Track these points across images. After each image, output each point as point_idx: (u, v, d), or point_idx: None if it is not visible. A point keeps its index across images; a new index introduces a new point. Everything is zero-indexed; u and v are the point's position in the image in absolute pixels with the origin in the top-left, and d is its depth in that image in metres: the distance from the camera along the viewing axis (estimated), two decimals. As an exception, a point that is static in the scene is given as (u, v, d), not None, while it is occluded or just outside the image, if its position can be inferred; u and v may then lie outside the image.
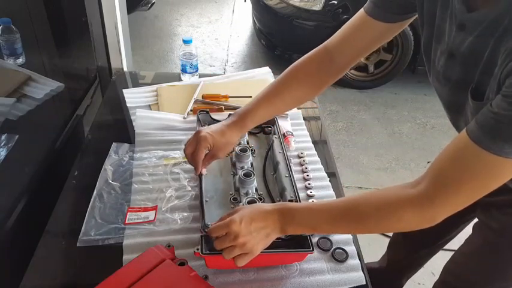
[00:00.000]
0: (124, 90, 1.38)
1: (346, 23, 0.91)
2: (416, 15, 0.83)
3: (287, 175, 0.97)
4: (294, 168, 1.07)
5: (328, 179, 1.09)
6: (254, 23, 3.54)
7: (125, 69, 1.57)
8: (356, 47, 0.91)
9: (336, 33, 0.93)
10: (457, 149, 0.65)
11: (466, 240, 1.02)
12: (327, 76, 0.95)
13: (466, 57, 0.69)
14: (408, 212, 0.68)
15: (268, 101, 0.94)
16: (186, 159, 1.09)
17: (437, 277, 1.14)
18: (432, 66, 0.80)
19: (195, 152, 0.91)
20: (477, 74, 0.68)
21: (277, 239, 0.81)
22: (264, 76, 1.53)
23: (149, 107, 1.32)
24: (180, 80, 1.48)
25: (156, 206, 0.96)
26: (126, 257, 0.85)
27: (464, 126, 0.79)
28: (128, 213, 0.94)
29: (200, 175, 0.95)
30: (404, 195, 0.69)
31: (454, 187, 0.64)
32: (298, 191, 0.92)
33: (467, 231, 1.04)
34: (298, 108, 1.34)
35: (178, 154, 1.11)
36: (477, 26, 0.65)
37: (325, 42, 0.95)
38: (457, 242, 1.17)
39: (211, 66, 3.45)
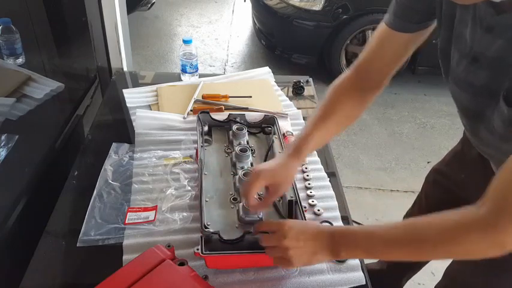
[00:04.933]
0: (124, 90, 1.38)
1: (371, 38, 0.91)
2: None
3: (287, 175, 0.97)
4: (294, 168, 1.07)
5: (328, 179, 1.09)
6: (254, 23, 3.54)
7: (125, 69, 1.57)
8: (384, 61, 0.89)
9: (364, 49, 0.91)
10: None
11: None
12: (368, 91, 0.93)
13: (493, 62, 0.67)
14: (472, 235, 0.64)
15: (319, 126, 0.90)
16: (186, 160, 1.09)
17: (437, 277, 1.14)
18: (450, 71, 0.78)
19: (247, 187, 0.84)
20: (508, 80, 0.65)
21: None
22: (264, 76, 1.53)
23: (149, 107, 1.32)
24: (180, 80, 1.48)
25: (156, 206, 0.96)
26: (126, 257, 0.85)
27: (481, 131, 0.77)
28: (128, 213, 0.94)
29: (201, 175, 0.94)
30: (468, 218, 0.65)
31: None
32: (298, 191, 0.92)
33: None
34: (298, 108, 1.35)
35: (178, 154, 1.11)
36: (507, 29, 0.63)
37: (356, 61, 0.92)
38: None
39: (211, 66, 3.45)
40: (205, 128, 1.13)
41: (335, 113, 0.91)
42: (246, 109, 1.29)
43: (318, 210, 0.99)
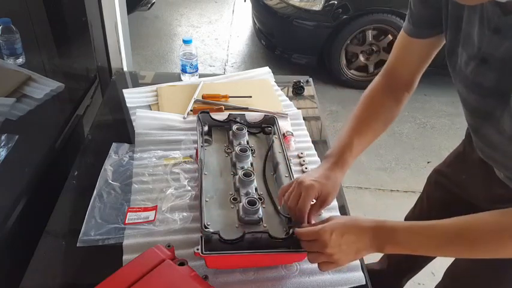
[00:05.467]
0: (124, 90, 1.38)
1: (394, 45, 0.93)
2: None
3: (287, 175, 0.97)
4: (294, 168, 1.07)
5: (328, 179, 1.08)
6: (254, 23, 3.54)
7: (125, 69, 1.57)
8: (408, 66, 0.92)
9: (390, 55, 0.95)
10: None
11: None
12: (399, 92, 0.95)
13: (502, 63, 0.67)
14: None
15: (358, 133, 0.91)
16: (186, 160, 1.09)
17: (437, 277, 1.14)
18: (458, 72, 0.78)
19: (301, 203, 0.83)
20: None
21: (276, 238, 0.81)
22: (264, 76, 1.53)
23: (149, 107, 1.32)
24: (180, 80, 1.48)
25: (156, 206, 0.96)
26: (126, 257, 0.85)
27: (490, 132, 0.76)
28: (128, 213, 0.94)
29: (201, 175, 0.95)
30: None
31: None
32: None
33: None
34: (298, 108, 1.35)
35: (178, 154, 1.11)
36: None
37: (384, 66, 0.96)
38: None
39: (211, 66, 3.45)
40: (205, 128, 1.13)
41: (375, 115, 0.93)
42: (246, 109, 1.29)
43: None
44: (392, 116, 0.96)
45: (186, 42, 1.42)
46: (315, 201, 0.86)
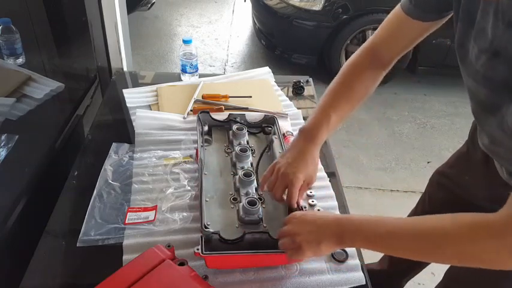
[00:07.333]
0: (124, 90, 1.38)
1: (386, 20, 0.91)
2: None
3: (287, 175, 0.97)
4: (294, 168, 1.07)
5: (328, 179, 1.08)
6: (254, 23, 3.54)
7: (125, 69, 1.57)
8: (399, 45, 0.92)
9: (378, 30, 0.93)
10: None
11: None
12: (379, 69, 0.95)
13: None
14: (485, 239, 0.63)
15: (335, 106, 0.92)
16: (186, 160, 1.09)
17: (437, 277, 1.14)
18: (468, 65, 0.77)
19: (290, 195, 0.85)
20: None
21: (276, 239, 0.81)
22: (264, 76, 1.53)
23: (149, 107, 1.32)
24: (180, 80, 1.48)
25: (156, 206, 0.96)
26: (126, 257, 0.85)
27: (493, 127, 0.76)
28: (128, 213, 0.94)
29: (201, 175, 0.95)
30: (480, 220, 0.64)
31: None
32: (298, 191, 0.92)
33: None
34: (298, 108, 1.35)
35: (178, 154, 1.11)
36: None
37: (369, 42, 0.95)
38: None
39: (211, 66, 3.45)
40: (205, 128, 1.13)
41: (351, 91, 0.93)
42: (246, 109, 1.29)
43: (318, 210, 0.99)
44: (366, 93, 0.96)
45: (186, 42, 1.42)
46: None
